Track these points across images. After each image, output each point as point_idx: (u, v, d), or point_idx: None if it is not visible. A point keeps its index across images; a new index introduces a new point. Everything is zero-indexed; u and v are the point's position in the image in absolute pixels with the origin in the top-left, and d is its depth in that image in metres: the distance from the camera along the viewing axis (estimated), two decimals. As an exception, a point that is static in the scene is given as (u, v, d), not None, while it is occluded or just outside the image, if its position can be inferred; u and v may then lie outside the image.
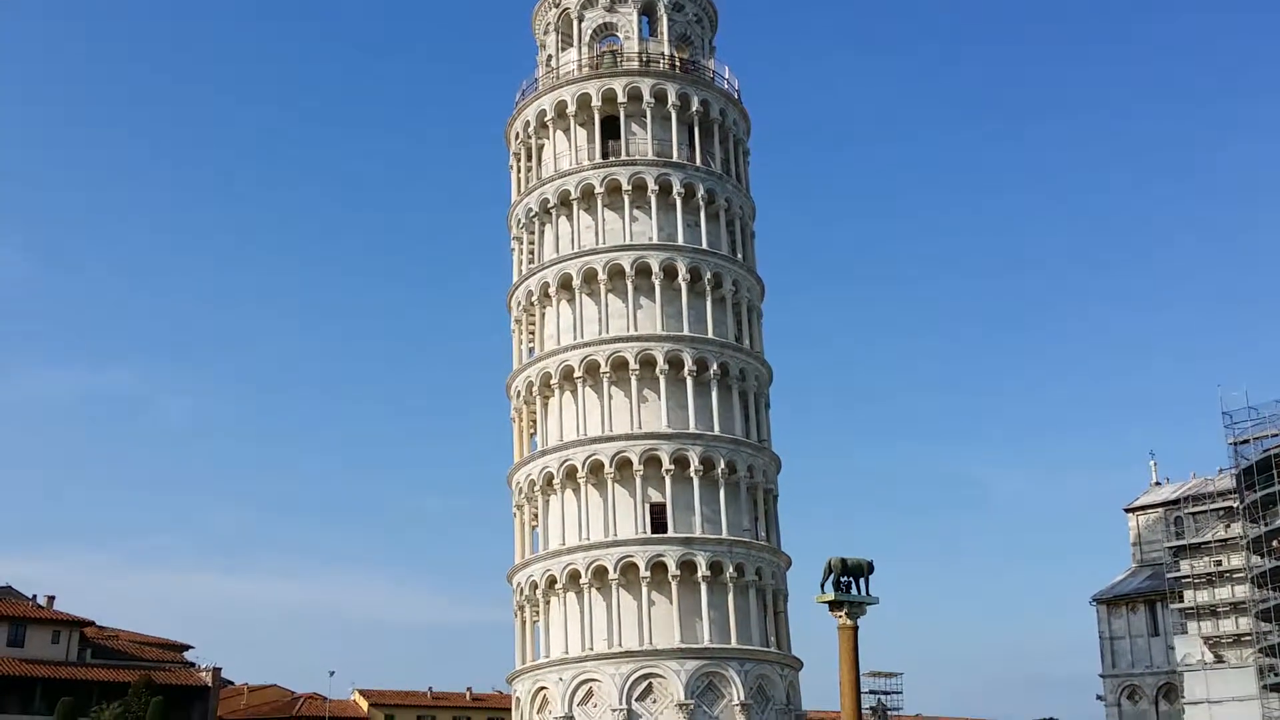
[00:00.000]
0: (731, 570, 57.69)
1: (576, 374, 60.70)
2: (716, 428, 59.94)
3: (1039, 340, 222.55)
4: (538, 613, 60.77)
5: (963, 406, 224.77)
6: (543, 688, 58.13)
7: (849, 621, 24.91)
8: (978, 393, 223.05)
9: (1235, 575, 75.11)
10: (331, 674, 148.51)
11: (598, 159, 64.14)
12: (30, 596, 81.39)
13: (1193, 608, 77.56)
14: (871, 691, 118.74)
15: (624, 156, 63.90)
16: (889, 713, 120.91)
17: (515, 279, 66.44)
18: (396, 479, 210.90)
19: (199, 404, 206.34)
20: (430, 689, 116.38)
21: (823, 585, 25.55)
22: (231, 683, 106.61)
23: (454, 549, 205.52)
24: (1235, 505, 73.43)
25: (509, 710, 68.29)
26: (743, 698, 55.48)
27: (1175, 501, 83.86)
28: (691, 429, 59.36)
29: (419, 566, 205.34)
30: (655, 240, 62.27)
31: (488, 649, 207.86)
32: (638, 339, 60.44)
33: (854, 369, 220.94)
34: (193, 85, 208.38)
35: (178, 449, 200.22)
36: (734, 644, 56.75)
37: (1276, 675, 65.52)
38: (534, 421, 63.99)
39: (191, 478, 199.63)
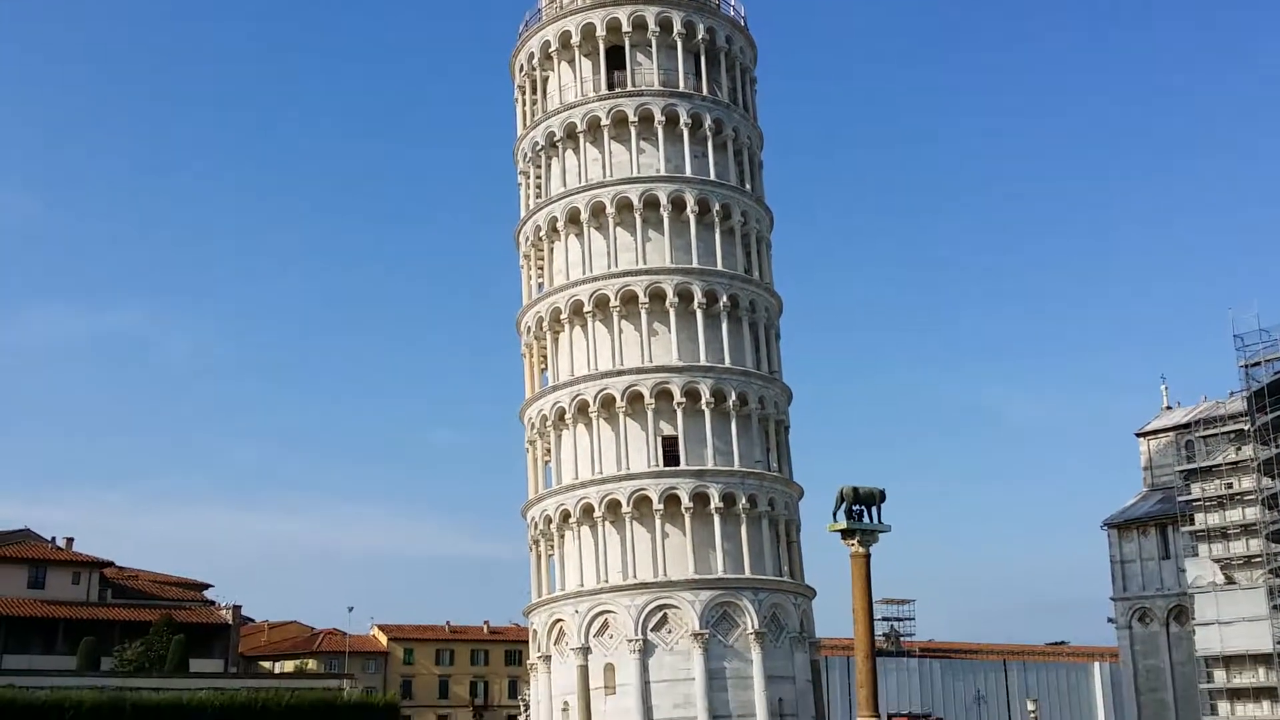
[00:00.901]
0: (744, 501, 58.02)
1: (586, 308, 60.68)
2: (727, 360, 59.98)
3: (1050, 264, 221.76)
4: (553, 547, 61.32)
5: (973, 333, 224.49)
6: (559, 620, 58.78)
7: (861, 549, 25.06)
8: (989, 319, 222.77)
9: (1246, 498, 75.28)
10: (350, 609, 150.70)
11: (603, 90, 63.63)
12: (49, 539, 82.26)
13: (1203, 530, 77.86)
14: (884, 618, 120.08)
15: (630, 87, 63.35)
16: (901, 639, 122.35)
17: (523, 214, 66.22)
18: (411, 416, 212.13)
19: (205, 342, 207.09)
20: (448, 623, 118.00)
21: (835, 514, 25.70)
22: (252, 620, 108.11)
23: (470, 485, 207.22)
24: (1246, 428, 73.38)
25: (526, 643, 69.19)
26: (757, 626, 56.04)
27: (1186, 425, 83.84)
28: (702, 362, 59.40)
29: (435, 503, 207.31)
30: (663, 172, 61.89)
31: (505, 583, 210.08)
32: (647, 272, 60.31)
33: (863, 297, 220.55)
34: (195, 22, 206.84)
35: (187, 388, 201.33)
36: (747, 574, 57.23)
37: (1287, 595, 65.91)
38: (544, 357, 64.10)
39: (204, 416, 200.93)
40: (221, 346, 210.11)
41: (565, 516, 59.58)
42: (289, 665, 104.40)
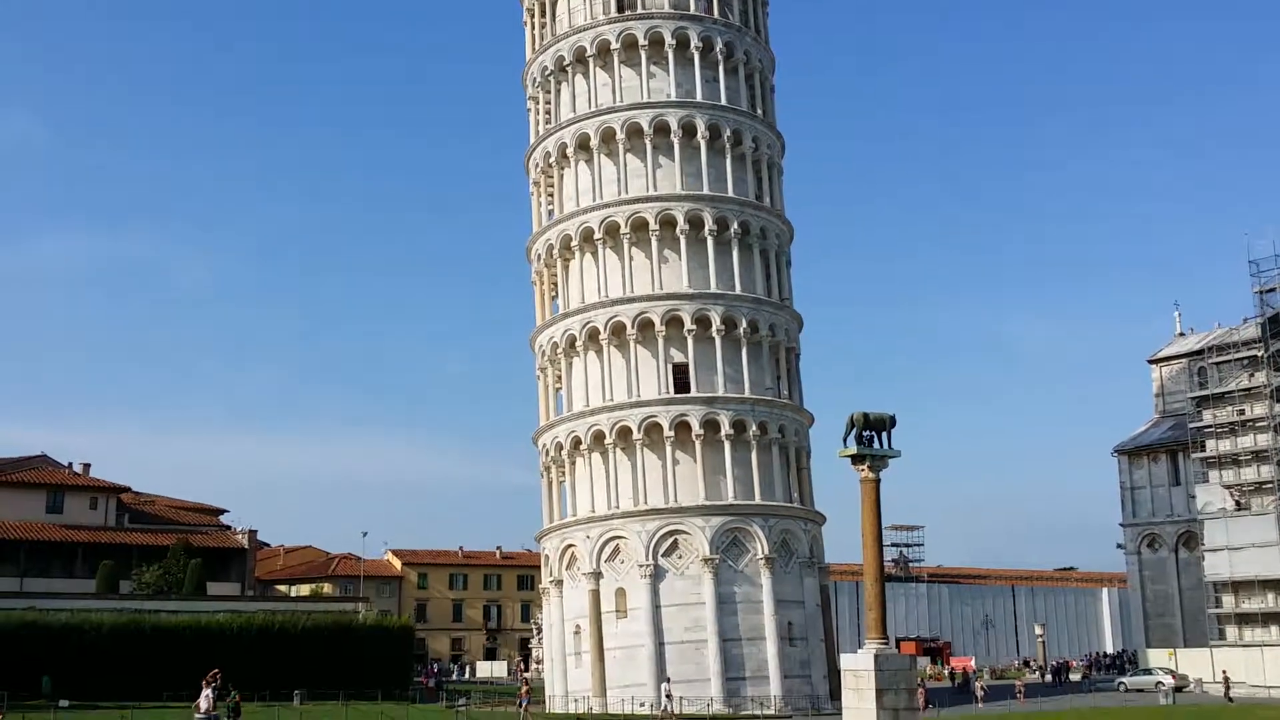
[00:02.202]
0: (754, 428, 58.10)
1: (596, 235, 60.36)
2: (738, 287, 59.73)
3: (1065, 188, 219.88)
4: (564, 473, 61.60)
5: (986, 259, 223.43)
6: (571, 545, 59.22)
7: (871, 475, 25.04)
8: (1001, 246, 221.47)
9: (1258, 424, 75.14)
10: (364, 535, 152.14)
11: (613, 13, 62.78)
12: (66, 464, 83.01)
13: (1214, 457, 77.82)
14: (893, 544, 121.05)
15: (640, 10, 62.48)
16: (910, 565, 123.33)
17: (532, 140, 65.66)
18: (426, 344, 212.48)
19: (221, 270, 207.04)
20: (461, 549, 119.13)
21: (845, 439, 25.60)
22: (267, 545, 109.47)
23: (483, 413, 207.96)
24: (1260, 354, 73.09)
25: (538, 568, 69.75)
26: (767, 552, 56.40)
27: (1199, 352, 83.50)
28: (713, 289, 59.15)
29: (449, 430, 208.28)
30: (673, 97, 61.22)
31: (517, 510, 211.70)
32: (657, 199, 59.89)
33: (876, 224, 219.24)
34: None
35: (203, 315, 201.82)
36: (758, 500, 57.48)
37: (1297, 522, 66.00)
38: (555, 284, 63.89)
39: (220, 344, 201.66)
40: (237, 275, 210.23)
41: (576, 443, 59.76)
42: (304, 589, 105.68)
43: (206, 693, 34.65)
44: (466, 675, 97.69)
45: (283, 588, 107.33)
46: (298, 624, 63.38)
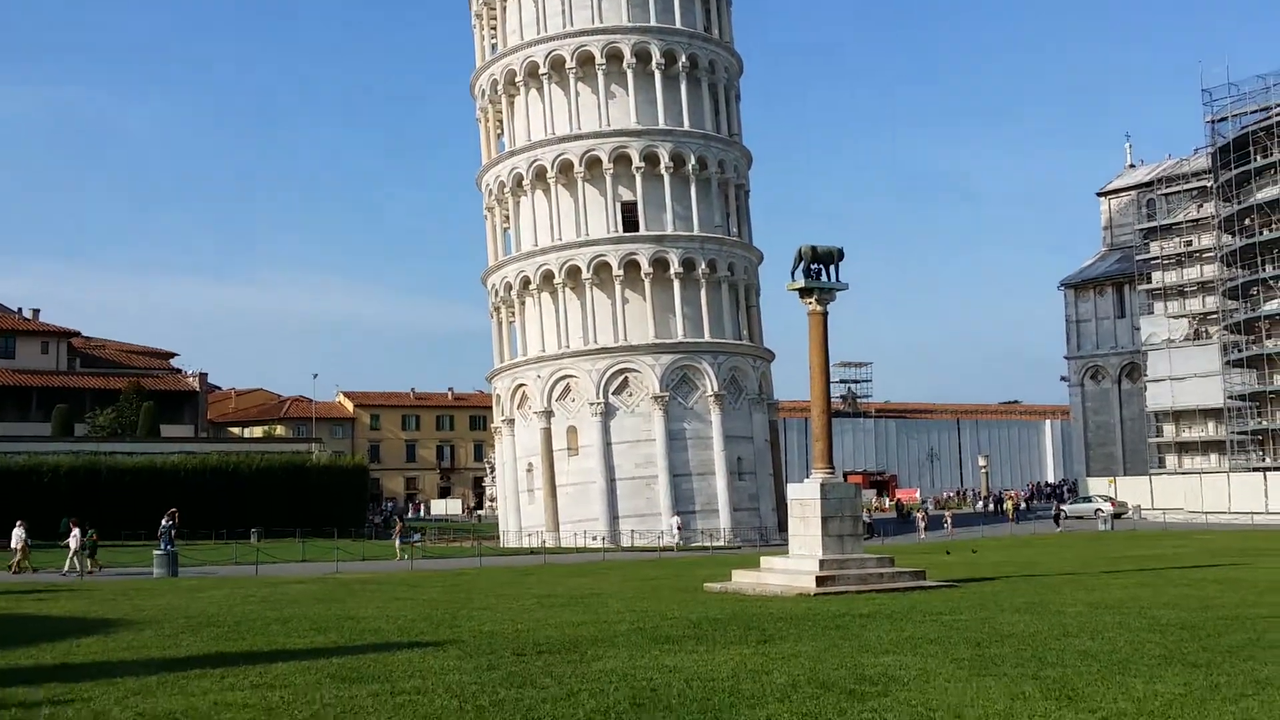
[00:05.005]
0: (704, 266, 57.88)
1: (542, 70, 58.86)
2: (686, 123, 58.74)
3: (1017, 21, 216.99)
4: (514, 314, 61.36)
5: (937, 94, 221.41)
6: (521, 385, 59.35)
7: (818, 308, 24.93)
8: (951, 75, 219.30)
9: (1205, 255, 75.86)
10: (315, 377, 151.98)
11: None
12: (15, 310, 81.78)
13: (1160, 289, 78.74)
14: (842, 380, 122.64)
15: None
16: (858, 400, 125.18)
17: (474, -29, 63.38)
18: (376, 187, 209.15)
19: (164, 117, 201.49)
20: (413, 390, 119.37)
21: (793, 273, 25.41)
22: (219, 388, 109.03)
23: (433, 255, 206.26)
24: (1209, 185, 73.30)
25: (489, 408, 70.09)
26: (716, 389, 56.82)
27: (1148, 184, 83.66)
28: (661, 125, 58.15)
29: (400, 273, 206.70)
30: (619, -76, 59.00)
31: (469, 351, 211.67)
32: (603, 31, 58.30)
33: (826, 59, 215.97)
34: None
35: (150, 165, 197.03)
36: (707, 338, 57.65)
37: (1240, 351, 67.27)
38: (500, 122, 62.59)
39: (168, 192, 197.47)
40: (184, 120, 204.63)
41: (525, 284, 59.36)
42: (257, 431, 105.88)
43: (75, 532, 35.47)
44: (422, 513, 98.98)
45: (235, 430, 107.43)
46: (252, 464, 63.70)
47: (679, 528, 52.42)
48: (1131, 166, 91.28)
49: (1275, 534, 46.58)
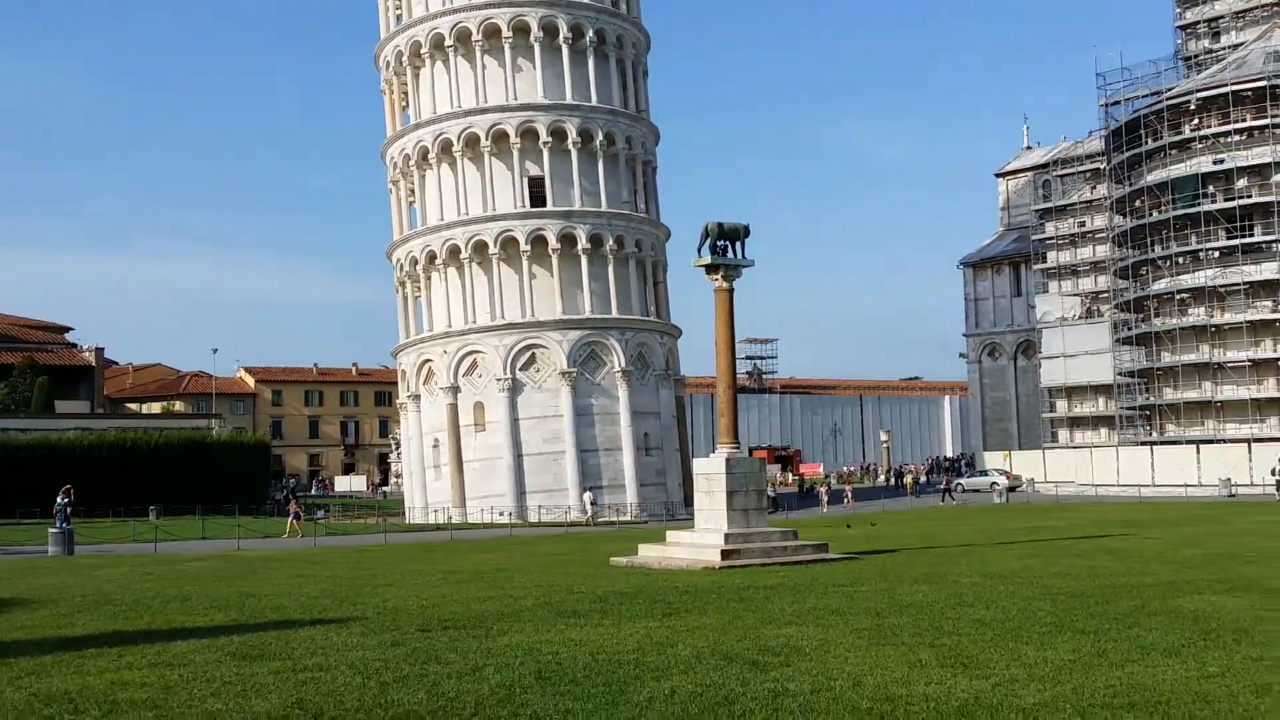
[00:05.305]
0: (611, 243, 57.88)
1: (448, 42, 58.22)
2: (594, 98, 58.59)
3: (921, 3, 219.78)
4: (420, 289, 60.85)
5: (842, 74, 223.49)
6: (428, 360, 58.90)
7: (725, 284, 25.10)
8: (858, 62, 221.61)
9: (1097, 236, 77.89)
10: (215, 351, 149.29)
11: None
12: (-101, 284, 79.04)
13: (1055, 268, 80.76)
14: (747, 357, 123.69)
15: None
16: (764, 376, 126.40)
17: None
18: (277, 160, 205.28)
19: (58, 81, 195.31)
20: (316, 365, 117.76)
21: (699, 249, 25.52)
22: (116, 363, 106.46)
23: (338, 229, 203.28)
24: (1102, 167, 75.15)
25: (395, 384, 69.44)
26: (624, 365, 56.96)
27: (1045, 165, 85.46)
28: (569, 99, 57.93)
29: (303, 247, 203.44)
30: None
31: (374, 327, 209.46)
32: (510, 3, 57.83)
33: (733, 36, 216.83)
34: None
35: (40, 129, 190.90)
36: (614, 314, 57.73)
37: (1129, 330, 69.16)
38: (406, 94, 61.84)
39: (63, 159, 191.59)
40: (78, 92, 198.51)
41: (431, 258, 58.85)
42: (156, 407, 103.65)
43: None
44: (325, 491, 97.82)
45: (133, 406, 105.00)
46: (150, 441, 62.44)
47: (592, 503, 52.62)
48: (1029, 148, 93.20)
49: (1161, 505, 48.14)
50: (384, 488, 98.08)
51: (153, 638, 13.14)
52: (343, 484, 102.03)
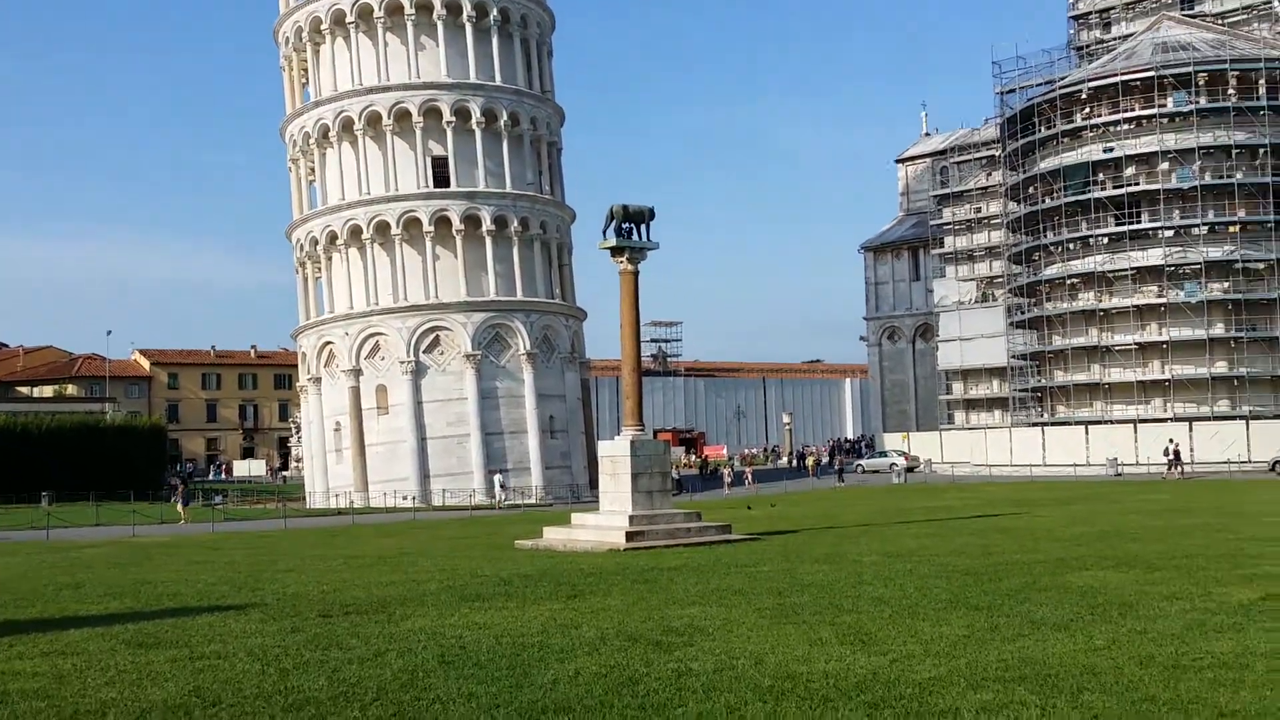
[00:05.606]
0: (516, 224, 57.59)
1: (349, 18, 57.34)
2: (498, 78, 58.15)
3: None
4: (320, 270, 59.97)
5: (746, 60, 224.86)
6: (329, 343, 58.12)
7: (630, 266, 25.19)
8: (761, 48, 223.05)
9: (992, 221, 79.54)
10: (109, 333, 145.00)
11: None
12: None
13: (951, 253, 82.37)
14: (653, 340, 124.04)
15: None
16: (669, 359, 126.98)
17: (277, -87, 61.13)
18: (170, 136, 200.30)
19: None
20: (213, 348, 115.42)
21: (605, 231, 25.58)
22: (5, 345, 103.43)
23: (237, 208, 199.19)
24: (997, 154, 76.66)
25: (295, 367, 68.40)
26: (528, 348, 56.79)
27: (943, 152, 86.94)
28: (473, 79, 57.42)
29: (201, 226, 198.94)
30: None
31: (273, 309, 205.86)
32: (413, -18, 57.08)
33: (635, 20, 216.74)
34: None
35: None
36: (519, 296, 57.49)
37: (1022, 314, 70.73)
38: (305, 71, 60.79)
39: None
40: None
41: (332, 239, 58.03)
42: (47, 390, 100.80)
43: None
44: (224, 475, 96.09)
45: (24, 389, 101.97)
46: (41, 425, 60.92)
47: (503, 486, 52.38)
48: (927, 135, 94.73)
49: (1052, 485, 49.47)
50: (284, 472, 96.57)
51: (45, 626, 12.86)
52: (242, 469, 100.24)
